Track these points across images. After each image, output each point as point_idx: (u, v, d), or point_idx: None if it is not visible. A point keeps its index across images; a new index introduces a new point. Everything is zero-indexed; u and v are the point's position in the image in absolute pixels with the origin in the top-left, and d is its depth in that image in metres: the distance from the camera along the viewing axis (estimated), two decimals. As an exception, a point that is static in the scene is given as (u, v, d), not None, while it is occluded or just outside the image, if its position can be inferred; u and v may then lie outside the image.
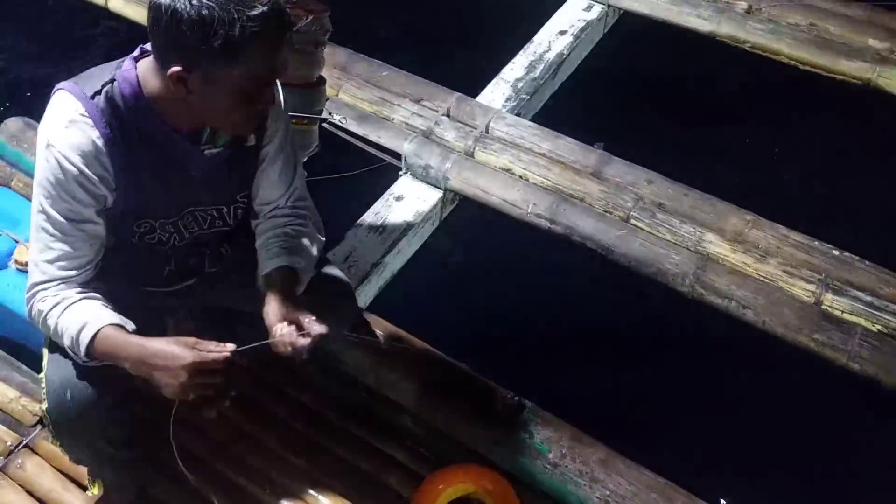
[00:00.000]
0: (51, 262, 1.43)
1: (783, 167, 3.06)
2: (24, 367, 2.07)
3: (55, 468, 1.90)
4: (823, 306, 2.29)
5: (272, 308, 1.47)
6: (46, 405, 1.52)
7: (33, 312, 1.46)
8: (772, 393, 2.35)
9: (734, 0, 3.22)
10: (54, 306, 1.42)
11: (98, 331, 1.38)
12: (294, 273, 1.55)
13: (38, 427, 1.96)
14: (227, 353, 1.35)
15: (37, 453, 1.92)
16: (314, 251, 1.64)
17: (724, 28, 3.15)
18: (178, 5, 1.22)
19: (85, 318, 1.39)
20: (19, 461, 1.90)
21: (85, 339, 1.38)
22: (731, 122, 3.20)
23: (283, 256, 1.56)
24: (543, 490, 1.79)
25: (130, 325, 1.42)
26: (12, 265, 2.15)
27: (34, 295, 1.45)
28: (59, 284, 1.43)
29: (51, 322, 1.43)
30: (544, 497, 1.79)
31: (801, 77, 3.02)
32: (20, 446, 1.93)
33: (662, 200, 2.54)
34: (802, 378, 2.30)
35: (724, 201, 2.53)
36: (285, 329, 1.43)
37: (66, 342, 1.41)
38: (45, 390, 1.53)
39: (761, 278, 2.36)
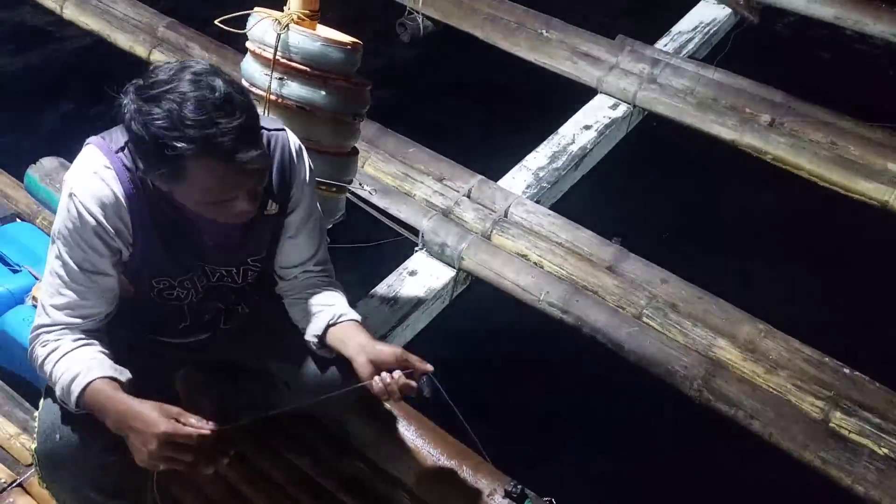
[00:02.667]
0: (58, 307, 1.44)
1: (799, 280, 3.08)
2: (27, 404, 2.06)
3: (45, 512, 1.87)
4: (831, 424, 2.27)
5: (362, 355, 1.50)
6: (36, 445, 1.52)
7: (33, 355, 1.47)
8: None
9: (758, 112, 3.30)
10: (51, 352, 1.43)
11: (88, 384, 1.38)
12: (360, 324, 1.60)
13: (34, 467, 1.93)
14: (204, 431, 1.33)
15: (29, 493, 1.89)
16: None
17: (747, 138, 3.22)
18: (133, 126, 1.28)
19: (78, 369, 1.40)
20: (10, 500, 1.87)
21: (75, 391, 1.39)
22: (749, 232, 3.24)
23: (343, 311, 1.61)
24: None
25: (125, 376, 1.42)
26: (29, 301, 2.17)
27: (36, 337, 1.46)
28: (62, 329, 1.45)
29: (47, 368, 1.44)
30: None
31: (821, 193, 3.07)
32: (13, 485, 1.90)
33: (676, 301, 2.56)
34: (805, 492, 2.27)
35: (738, 308, 2.54)
36: (386, 376, 1.47)
37: (58, 391, 1.42)
38: (36, 430, 1.53)
39: (770, 389, 2.35)
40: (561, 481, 1.97)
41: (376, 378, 1.48)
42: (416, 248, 2.76)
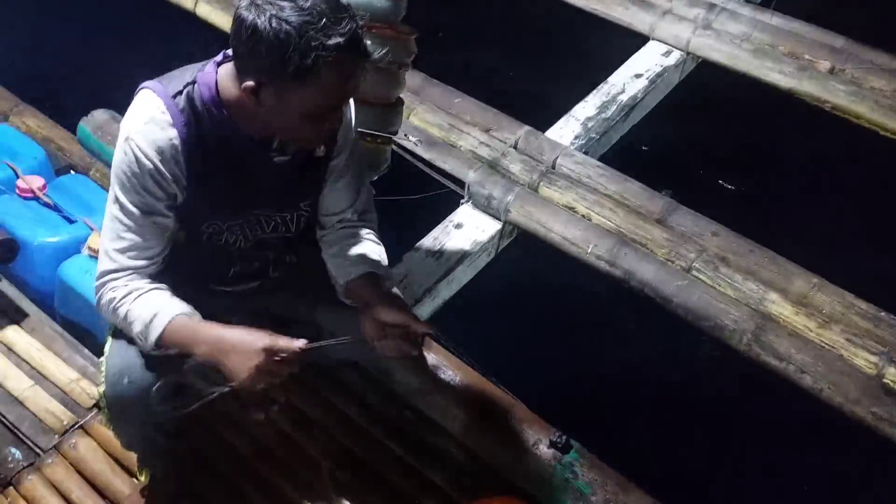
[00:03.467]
0: (122, 251, 1.47)
1: (854, 233, 2.99)
2: (86, 350, 2.14)
3: (106, 452, 1.95)
4: (885, 380, 2.23)
5: (371, 314, 1.51)
6: (104, 388, 1.57)
7: (102, 301, 1.50)
8: (825, 460, 2.29)
9: (817, 59, 3.19)
10: (126, 295, 1.46)
11: (171, 319, 1.43)
12: (376, 277, 1.59)
13: (94, 410, 2.01)
14: (298, 347, 1.39)
15: (90, 435, 1.97)
16: (384, 258, 1.68)
17: (805, 86, 3.11)
18: (260, 24, 1.26)
19: (157, 307, 1.44)
20: (73, 441, 1.95)
21: (158, 328, 1.42)
22: (804, 183, 3.16)
23: (363, 264, 1.60)
24: (582, 532, 1.77)
25: (198, 316, 1.47)
26: (85, 251, 2.23)
27: (104, 283, 1.49)
28: (130, 274, 1.48)
29: (121, 311, 1.47)
30: (581, 538, 1.78)
31: (881, 143, 2.97)
32: (75, 427, 1.98)
33: (727, 254, 2.51)
34: (858, 450, 2.24)
35: (791, 261, 2.49)
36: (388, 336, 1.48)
37: (137, 329, 1.45)
38: (103, 374, 1.58)
39: (823, 344, 2.31)
40: (606, 433, 1.99)
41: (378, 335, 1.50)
42: (462, 201, 2.75)
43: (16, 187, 2.40)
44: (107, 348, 1.61)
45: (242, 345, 1.38)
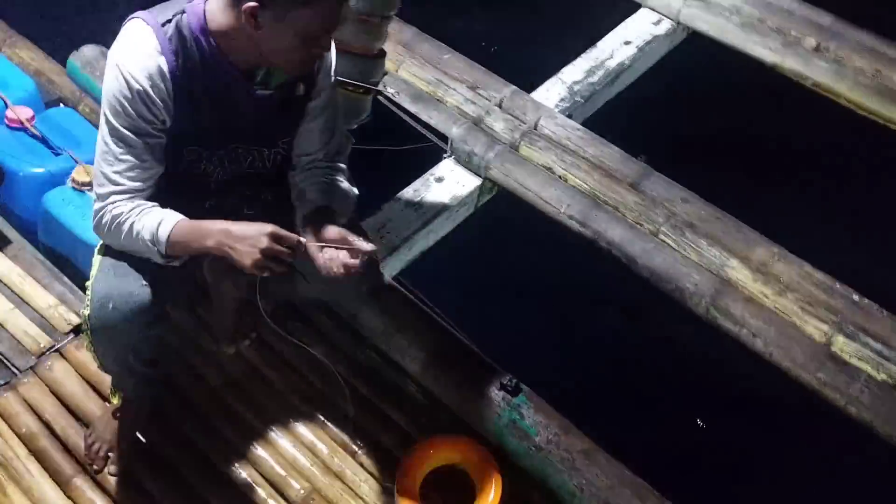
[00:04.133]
0: (121, 172, 1.52)
1: (825, 209, 3.07)
2: (66, 278, 2.21)
3: (80, 375, 2.04)
4: (833, 348, 2.32)
5: (312, 236, 1.55)
6: (88, 311, 1.63)
7: (104, 220, 1.54)
8: (763, 419, 2.40)
9: (804, 35, 3.22)
10: (131, 210, 1.52)
11: (177, 221, 1.50)
12: (331, 211, 1.64)
13: (71, 336, 2.10)
14: (300, 238, 1.48)
15: (66, 359, 2.06)
16: (349, 198, 1.73)
17: (789, 62, 3.16)
18: None
19: (162, 214, 1.52)
20: (49, 363, 2.04)
21: (165, 231, 1.49)
22: (779, 157, 3.22)
23: (320, 198, 1.66)
24: (525, 470, 1.87)
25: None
26: (69, 183, 2.30)
27: (107, 203, 1.53)
28: (131, 195, 1.54)
29: (126, 226, 1.52)
30: (525, 476, 1.88)
31: (857, 122, 3.02)
32: (51, 350, 2.07)
33: (694, 221, 2.58)
34: (797, 414, 2.34)
35: (755, 231, 2.56)
36: (331, 252, 1.51)
37: (146, 237, 1.50)
38: (88, 297, 1.63)
39: (777, 311, 2.39)
40: (557, 380, 2.09)
41: (320, 255, 1.52)
42: (445, 155, 2.81)
43: (4, 117, 2.45)
44: (93, 273, 1.66)
45: (249, 231, 1.46)
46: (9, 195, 2.36)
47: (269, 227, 1.45)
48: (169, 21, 1.47)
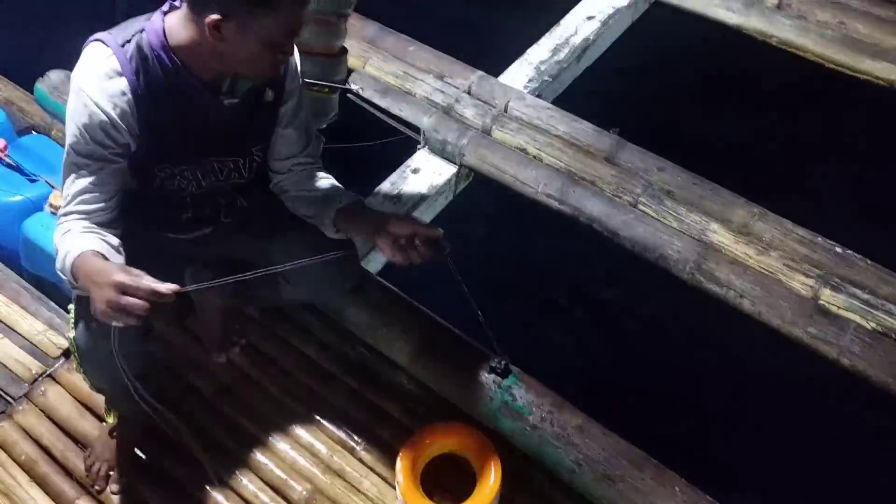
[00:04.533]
0: (76, 195, 1.54)
1: (801, 163, 3.09)
2: (52, 303, 2.22)
3: (74, 398, 2.05)
4: (820, 301, 2.33)
5: (383, 231, 1.60)
6: (73, 332, 1.64)
7: (56, 239, 1.55)
8: (759, 380, 2.41)
9: (764, -6, 3.23)
10: (63, 234, 1.53)
11: (77, 255, 1.46)
12: (364, 204, 1.71)
13: (62, 359, 2.10)
14: (159, 288, 1.36)
15: (59, 383, 2.07)
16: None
17: (752, 22, 3.16)
18: None
19: (70, 246, 1.49)
20: (42, 389, 2.05)
21: (68, 264, 1.48)
22: (751, 117, 3.23)
23: (347, 195, 1.72)
24: (522, 450, 1.89)
25: (116, 258, 1.50)
26: (47, 208, 2.31)
27: (58, 224, 1.56)
28: (76, 217, 1.54)
29: (55, 248, 1.53)
30: (522, 456, 1.90)
31: (826, 75, 3.04)
32: (44, 375, 2.08)
33: (672, 188, 2.59)
34: (792, 369, 2.36)
35: (733, 193, 2.58)
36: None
37: (58, 266, 1.52)
38: (72, 318, 1.65)
39: (761, 270, 2.40)
40: (548, 358, 2.10)
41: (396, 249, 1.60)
42: (419, 146, 2.82)
43: (-24, 150, 2.45)
44: (74, 294, 1.66)
45: (101, 277, 1.37)
46: (-13, 226, 2.36)
47: (116, 276, 1.34)
48: (128, 41, 1.48)
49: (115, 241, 1.56)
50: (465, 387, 1.92)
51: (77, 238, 1.51)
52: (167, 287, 1.37)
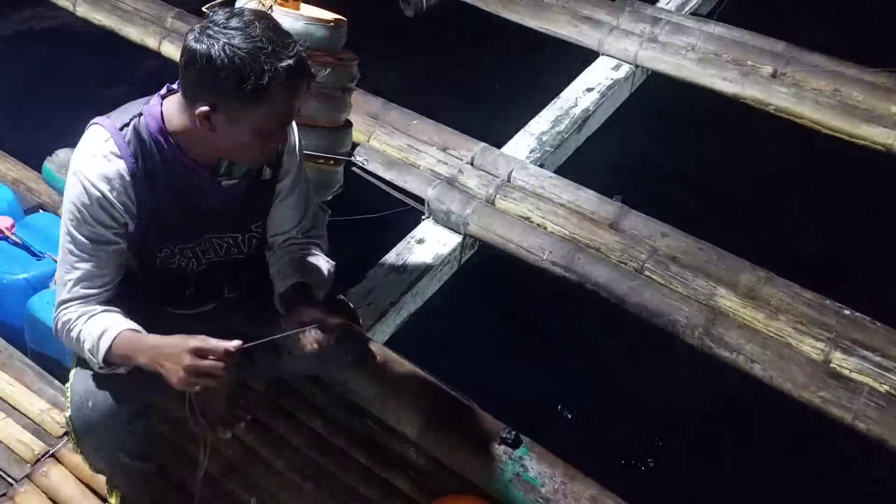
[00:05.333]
0: (75, 281, 1.54)
1: (802, 227, 3.10)
2: (56, 381, 2.19)
3: (77, 478, 2.00)
4: (832, 365, 2.31)
5: (288, 317, 1.59)
6: (69, 413, 1.62)
7: (59, 325, 1.57)
8: (771, 445, 2.37)
9: (759, 64, 3.31)
10: (78, 317, 1.53)
11: (118, 334, 1.49)
12: (307, 287, 1.65)
13: (65, 438, 2.06)
14: (229, 346, 1.43)
15: (61, 463, 2.02)
16: (325, 270, 1.74)
17: (749, 91, 3.23)
18: (213, 52, 1.34)
19: (105, 324, 1.51)
20: (44, 469, 2.00)
21: (105, 343, 1.49)
22: (752, 182, 3.26)
23: (295, 275, 1.67)
24: (536, 523, 1.84)
25: (145, 333, 1.53)
26: (52, 286, 2.29)
27: (61, 310, 1.56)
28: (81, 302, 1.55)
29: (74, 332, 1.53)
30: (536, 529, 1.84)
31: (824, 141, 3.08)
32: (46, 455, 2.03)
33: (677, 254, 2.60)
34: (805, 435, 2.31)
35: (738, 257, 2.58)
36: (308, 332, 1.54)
37: (88, 346, 1.52)
38: (69, 399, 1.64)
39: (771, 334, 2.39)
40: (559, 426, 2.06)
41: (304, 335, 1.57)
42: (423, 217, 2.84)
43: (-16, 228, 2.46)
44: (72, 375, 1.67)
45: (172, 349, 1.43)
46: (-7, 304, 2.35)
47: (191, 343, 1.41)
48: (126, 125, 1.49)
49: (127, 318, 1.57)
50: (476, 458, 1.88)
51: (105, 320, 1.52)
52: (234, 344, 1.43)
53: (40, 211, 2.69)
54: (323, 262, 1.74)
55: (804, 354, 2.34)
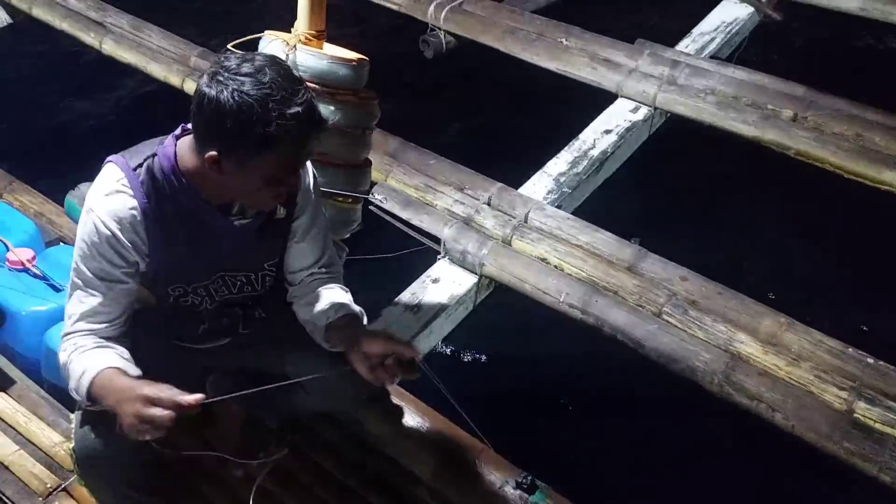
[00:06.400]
0: (81, 315, 1.55)
1: (824, 273, 3.06)
2: (71, 414, 2.18)
3: (87, 513, 1.98)
4: (855, 415, 2.26)
5: (358, 349, 1.57)
6: (74, 444, 1.62)
7: (60, 362, 1.57)
8: (800, 495, 2.31)
9: (780, 108, 3.30)
10: (73, 351, 1.53)
11: (98, 373, 1.48)
12: (357, 318, 1.67)
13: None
14: (185, 400, 1.38)
15: (73, 497, 2.01)
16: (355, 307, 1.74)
17: (769, 135, 3.22)
18: (223, 98, 1.35)
19: (88, 363, 1.50)
20: (55, 504, 1.99)
21: (86, 382, 1.49)
22: (773, 227, 3.24)
23: (344, 307, 1.68)
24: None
25: (134, 371, 1.51)
26: (69, 319, 2.31)
27: (62, 342, 1.57)
28: (83, 334, 1.55)
29: (67, 369, 1.54)
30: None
31: (846, 185, 3.06)
32: (58, 489, 2.01)
33: (696, 298, 2.57)
34: (830, 486, 2.26)
35: (759, 302, 2.55)
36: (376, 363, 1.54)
37: (72, 385, 1.52)
38: (73, 430, 1.63)
39: (792, 382, 2.34)
40: (575, 471, 2.02)
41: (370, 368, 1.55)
42: (439, 257, 2.83)
43: (6, 260, 2.48)
44: (77, 404, 1.65)
45: (125, 393, 1.41)
46: (11, 336, 2.36)
47: (144, 390, 1.39)
48: (140, 165, 1.51)
49: (126, 353, 1.56)
50: (490, 503, 1.85)
51: (91, 357, 1.51)
52: (192, 398, 1.39)
53: (61, 244, 2.71)
54: (350, 297, 1.74)
55: (827, 404, 2.29)
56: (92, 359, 1.51)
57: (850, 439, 2.20)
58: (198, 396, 1.39)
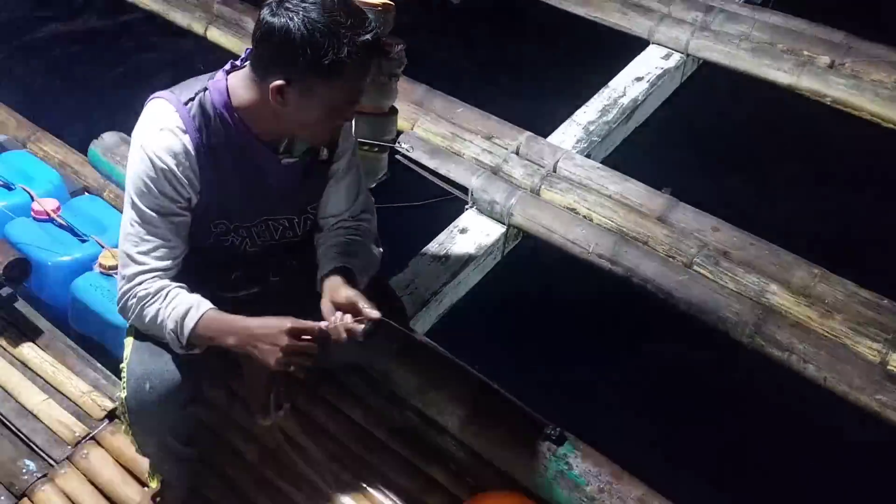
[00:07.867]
0: (146, 252, 1.53)
1: (857, 224, 2.99)
2: (98, 363, 2.20)
3: (117, 461, 2.00)
4: (889, 367, 2.22)
5: (326, 297, 1.55)
6: (125, 393, 1.61)
7: (130, 302, 1.54)
8: (825, 449, 2.28)
9: (816, 54, 3.19)
10: (156, 293, 1.52)
11: (204, 313, 1.50)
12: (349, 271, 1.62)
13: (105, 421, 2.07)
14: (321, 326, 1.47)
15: (101, 446, 2.03)
16: (371, 256, 1.72)
17: (805, 82, 3.12)
18: (293, 26, 1.34)
19: (190, 302, 1.51)
20: (85, 452, 2.01)
21: (191, 322, 1.49)
22: (807, 176, 3.15)
23: (339, 258, 1.64)
24: (579, 523, 1.79)
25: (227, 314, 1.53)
26: (97, 268, 2.31)
27: (134, 285, 1.53)
28: (155, 276, 1.54)
29: (151, 310, 1.52)
30: (579, 529, 1.80)
31: (883, 134, 2.96)
32: (87, 438, 2.04)
33: (728, 249, 2.52)
34: (862, 437, 2.23)
35: (792, 253, 2.49)
36: (339, 316, 1.49)
37: (170, 326, 1.51)
38: (125, 380, 1.62)
39: (825, 333, 2.31)
40: (605, 424, 2.01)
41: (331, 318, 1.51)
42: (467, 207, 2.79)
43: (31, 210, 2.48)
44: (126, 354, 1.65)
45: (267, 330, 1.46)
46: (38, 286, 2.37)
47: (287, 323, 1.45)
48: (192, 99, 1.49)
49: None
50: (518, 454, 1.84)
51: (183, 297, 1.52)
52: (322, 324, 1.48)
53: (86, 194, 2.70)
54: (366, 248, 1.71)
55: (860, 355, 2.25)
56: (191, 299, 1.52)
57: (884, 391, 2.16)
58: (325, 322, 1.47)
